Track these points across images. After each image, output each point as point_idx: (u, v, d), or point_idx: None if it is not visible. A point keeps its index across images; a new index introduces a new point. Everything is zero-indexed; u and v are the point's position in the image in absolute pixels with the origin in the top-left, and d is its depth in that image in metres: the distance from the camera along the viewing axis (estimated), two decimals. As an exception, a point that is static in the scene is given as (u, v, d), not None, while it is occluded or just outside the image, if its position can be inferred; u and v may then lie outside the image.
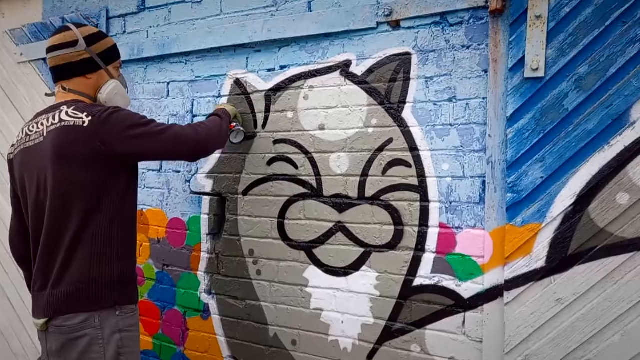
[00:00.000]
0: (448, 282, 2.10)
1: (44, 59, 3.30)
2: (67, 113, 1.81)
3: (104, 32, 2.06)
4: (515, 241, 1.94)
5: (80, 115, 1.79)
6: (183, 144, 1.97)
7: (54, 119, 1.83)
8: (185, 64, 2.79)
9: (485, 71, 2.05)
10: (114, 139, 1.78)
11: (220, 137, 2.18)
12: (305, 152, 2.42)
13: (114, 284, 1.85)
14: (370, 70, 2.28)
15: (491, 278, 2.01)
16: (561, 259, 1.88)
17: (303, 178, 2.43)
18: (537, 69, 1.91)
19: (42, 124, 1.86)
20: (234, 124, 2.45)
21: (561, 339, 1.88)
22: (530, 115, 1.92)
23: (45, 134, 1.83)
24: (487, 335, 2.01)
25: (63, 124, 1.79)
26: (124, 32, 3.02)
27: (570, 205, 1.87)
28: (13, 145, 1.99)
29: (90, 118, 1.77)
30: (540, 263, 1.91)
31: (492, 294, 2.01)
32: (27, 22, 3.42)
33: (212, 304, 2.68)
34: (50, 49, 1.93)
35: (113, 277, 1.84)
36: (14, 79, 3.49)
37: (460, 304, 2.07)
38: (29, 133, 1.91)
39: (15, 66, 3.48)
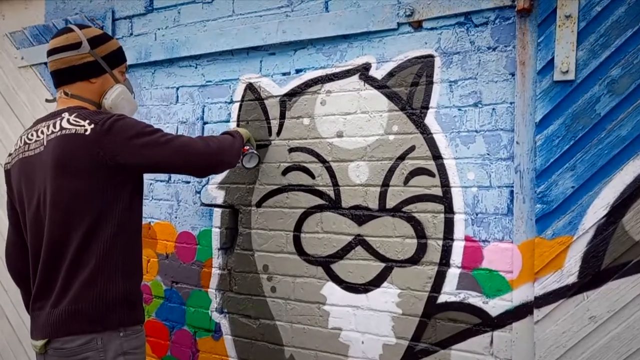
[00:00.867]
0: (474, 299, 2.21)
1: (46, 63, 3.49)
2: (68, 120, 1.87)
3: (109, 34, 2.16)
4: (545, 255, 2.05)
5: (82, 122, 1.85)
6: (191, 155, 2.05)
7: (54, 126, 1.89)
8: (196, 67, 2.95)
9: (513, 74, 2.17)
10: (117, 149, 1.85)
11: (232, 155, 2.26)
12: (323, 161, 2.56)
13: (118, 303, 1.91)
14: (390, 74, 2.41)
15: (520, 295, 2.12)
16: (594, 274, 1.98)
17: (320, 188, 2.57)
18: (567, 71, 2.02)
19: (42, 132, 1.93)
20: (247, 147, 2.56)
21: (595, 360, 1.98)
22: (561, 120, 2.03)
23: (45, 143, 1.90)
24: (516, 355, 2.12)
25: (64, 132, 1.85)
26: (131, 34, 3.20)
27: (604, 217, 1.97)
28: (10, 155, 2.07)
29: (92, 126, 1.83)
30: (572, 278, 2.01)
31: (521, 311, 2.12)
32: (28, 25, 3.62)
33: (224, 324, 2.82)
34: (51, 52, 2.01)
35: (117, 296, 1.90)
36: (15, 84, 3.69)
37: (488, 323, 2.18)
38: (28, 142, 1.98)
39: (16, 70, 3.68)
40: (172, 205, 3.01)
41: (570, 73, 2.02)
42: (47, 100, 2.22)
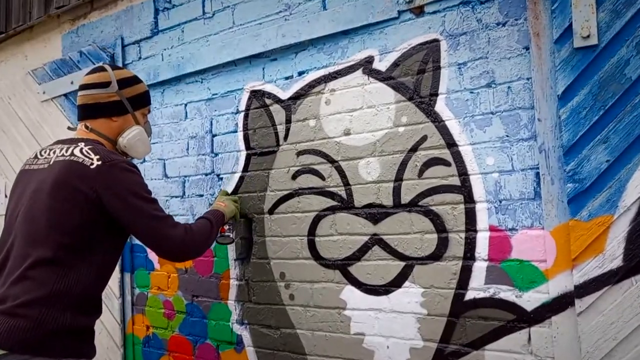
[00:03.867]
0: (506, 293, 1.73)
1: (66, 95, 3.15)
2: (81, 150, 1.70)
3: (139, 77, 1.97)
4: (582, 239, 1.58)
5: (92, 156, 1.67)
6: (162, 242, 1.79)
7: (66, 151, 1.71)
8: (201, 82, 2.56)
9: (527, 48, 1.72)
10: (107, 192, 1.64)
11: (202, 248, 1.96)
12: (332, 161, 2.12)
13: (63, 333, 1.59)
14: (395, 64, 1.98)
15: (557, 285, 1.64)
16: (642, 255, 1.51)
17: (331, 189, 2.13)
18: (588, 36, 1.58)
19: (54, 153, 1.75)
20: (227, 227, 2.25)
21: (653, 353, 1.49)
22: (586, 90, 1.58)
23: (51, 163, 1.72)
24: (559, 352, 1.63)
25: (72, 158, 1.68)
26: (140, 57, 2.83)
27: (647, 191, 1.51)
28: (24, 163, 1.87)
29: (99, 163, 1.65)
30: (617, 262, 1.53)
31: (560, 303, 1.63)
32: (47, 61, 3.28)
33: (246, 335, 2.37)
34: (82, 87, 1.86)
35: (64, 326, 1.58)
36: (39, 118, 3.34)
37: (524, 318, 1.70)
38: (39, 157, 1.79)
39: (39, 105, 3.33)
40: (188, 219, 2.58)
41: (592, 38, 1.57)
42: (69, 128, 2.00)
